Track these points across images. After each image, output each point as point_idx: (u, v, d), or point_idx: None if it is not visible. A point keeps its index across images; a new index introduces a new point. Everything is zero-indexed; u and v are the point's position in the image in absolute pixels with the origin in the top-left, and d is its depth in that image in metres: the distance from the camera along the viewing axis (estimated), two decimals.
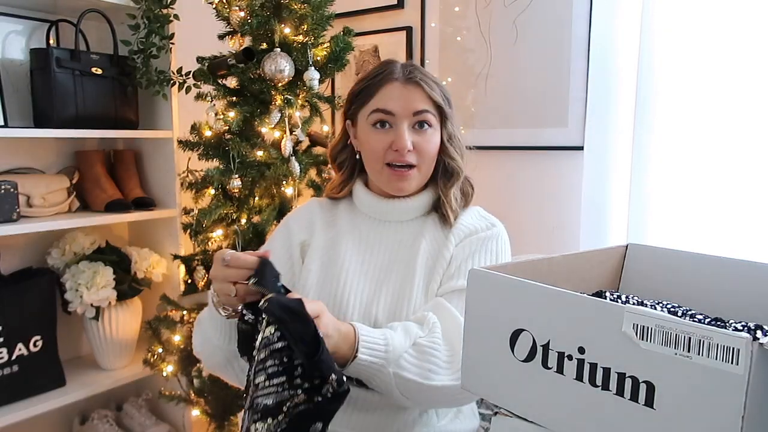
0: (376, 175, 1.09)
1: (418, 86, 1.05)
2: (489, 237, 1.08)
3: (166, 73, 1.71)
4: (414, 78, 1.05)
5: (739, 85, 1.39)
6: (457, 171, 1.10)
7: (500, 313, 0.69)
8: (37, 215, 1.62)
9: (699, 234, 1.47)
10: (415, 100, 1.04)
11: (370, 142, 1.06)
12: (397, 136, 1.03)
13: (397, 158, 1.04)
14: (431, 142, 1.06)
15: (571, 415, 0.63)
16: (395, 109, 1.04)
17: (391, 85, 1.05)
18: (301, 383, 0.79)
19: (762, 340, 0.48)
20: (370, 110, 1.06)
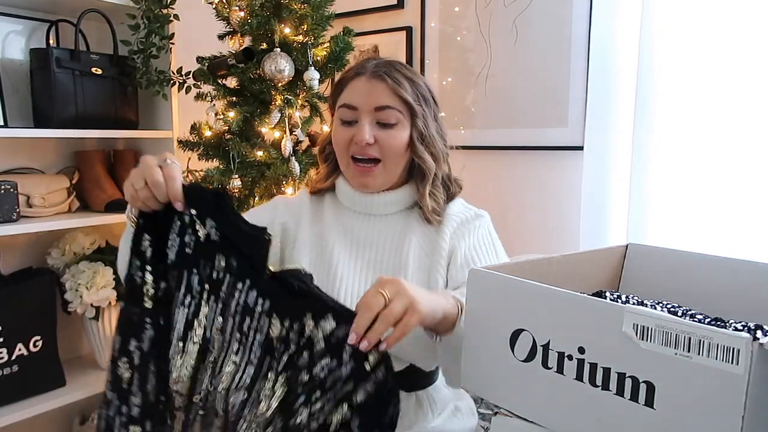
0: (344, 170, 1.09)
1: (383, 81, 1.03)
2: (481, 226, 1.09)
3: (166, 73, 1.71)
4: (379, 72, 1.04)
5: (739, 85, 1.39)
6: (425, 171, 1.07)
7: (500, 313, 0.69)
8: (37, 215, 1.62)
9: (699, 234, 1.47)
10: (378, 95, 1.03)
11: (336, 136, 1.08)
12: (358, 129, 1.03)
13: (359, 151, 1.04)
14: (396, 138, 1.04)
15: (571, 415, 0.63)
16: (358, 103, 1.04)
17: (358, 80, 1.06)
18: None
19: (762, 340, 0.48)
20: (338, 105, 1.07)
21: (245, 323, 0.78)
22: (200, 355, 0.79)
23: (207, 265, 0.80)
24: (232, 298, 0.78)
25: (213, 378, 0.79)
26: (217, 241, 0.79)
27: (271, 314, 0.77)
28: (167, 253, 0.81)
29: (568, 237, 1.76)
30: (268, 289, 0.78)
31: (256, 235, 0.78)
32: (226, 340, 0.79)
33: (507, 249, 1.11)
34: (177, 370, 0.79)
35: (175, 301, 0.80)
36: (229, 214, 0.79)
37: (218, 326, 0.79)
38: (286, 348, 0.76)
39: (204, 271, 0.80)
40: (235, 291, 0.79)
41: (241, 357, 0.78)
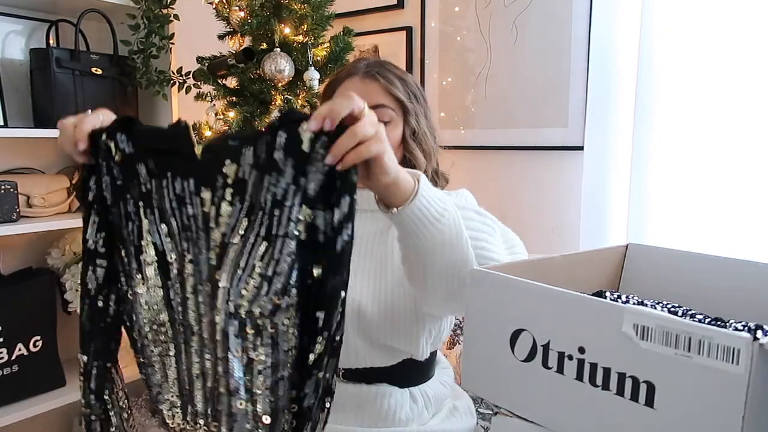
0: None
1: (376, 81, 1.05)
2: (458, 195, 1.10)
3: (166, 73, 1.71)
4: (371, 72, 1.06)
5: (739, 85, 1.39)
6: (416, 167, 1.07)
7: (500, 313, 0.69)
8: (37, 215, 1.62)
9: (699, 234, 1.47)
10: (372, 93, 1.04)
11: None
12: None
13: None
14: (389, 136, 1.03)
15: (571, 415, 0.63)
16: None
17: (351, 80, 1.06)
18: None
19: (762, 340, 0.48)
20: None
21: (183, 214, 0.74)
22: (163, 272, 0.76)
23: (134, 184, 0.76)
24: (164, 199, 0.75)
25: (183, 290, 0.75)
26: (133, 152, 0.75)
27: (198, 190, 0.72)
28: (106, 198, 0.78)
29: (568, 237, 1.76)
30: (189, 168, 0.73)
31: (173, 128, 0.73)
32: (177, 242, 0.75)
33: None
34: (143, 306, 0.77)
35: (123, 238, 0.77)
36: (139, 124, 0.77)
37: (165, 233, 0.75)
38: (216, 205, 0.72)
39: (134, 192, 0.76)
40: (163, 191, 0.74)
41: (194, 251, 0.74)
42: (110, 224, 0.78)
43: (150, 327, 0.78)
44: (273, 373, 0.70)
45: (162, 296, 0.76)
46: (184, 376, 0.77)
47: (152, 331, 0.78)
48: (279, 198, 0.68)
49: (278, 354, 0.70)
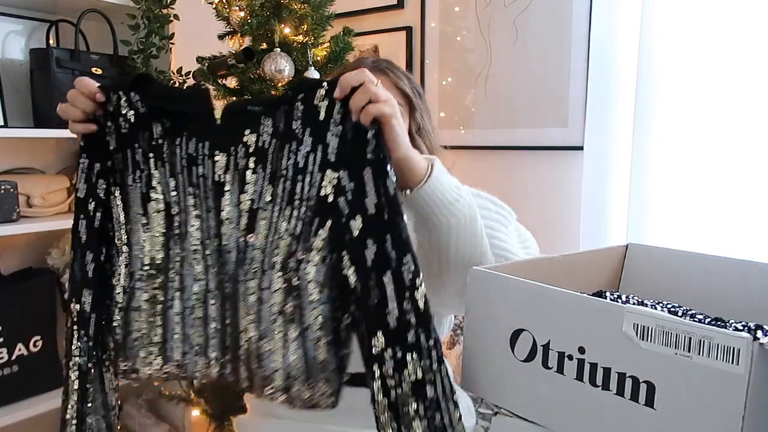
0: None
1: (385, 74, 1.05)
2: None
3: (166, 73, 1.71)
4: (380, 66, 1.06)
5: (739, 85, 1.39)
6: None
7: (500, 313, 0.69)
8: (37, 215, 1.62)
9: (699, 234, 1.47)
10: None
11: None
12: None
13: None
14: None
15: (571, 415, 0.63)
16: None
17: None
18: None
19: (762, 340, 0.48)
20: None
21: (193, 174, 0.79)
22: (167, 221, 0.80)
23: (145, 136, 0.80)
24: (175, 156, 0.79)
25: (183, 242, 0.79)
26: (146, 111, 0.79)
27: (213, 153, 0.78)
28: (108, 142, 0.81)
29: (568, 237, 1.76)
30: (206, 131, 0.78)
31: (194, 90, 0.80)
32: (181, 198, 0.79)
33: None
34: (142, 247, 0.80)
35: (126, 184, 0.81)
36: (156, 83, 0.81)
37: (172, 186, 0.80)
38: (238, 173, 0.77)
39: (144, 143, 0.80)
40: (175, 148, 0.79)
41: (201, 208, 0.79)
42: (108, 170, 0.81)
43: (143, 272, 0.80)
44: (300, 323, 0.74)
45: (162, 243, 0.80)
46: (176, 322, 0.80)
47: (144, 277, 0.80)
48: (300, 165, 0.73)
49: (303, 305, 0.73)
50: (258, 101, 0.78)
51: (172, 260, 0.80)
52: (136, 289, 0.80)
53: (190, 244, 0.79)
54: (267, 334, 0.75)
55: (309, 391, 0.75)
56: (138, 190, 0.80)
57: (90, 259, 0.81)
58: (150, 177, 0.80)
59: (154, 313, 0.81)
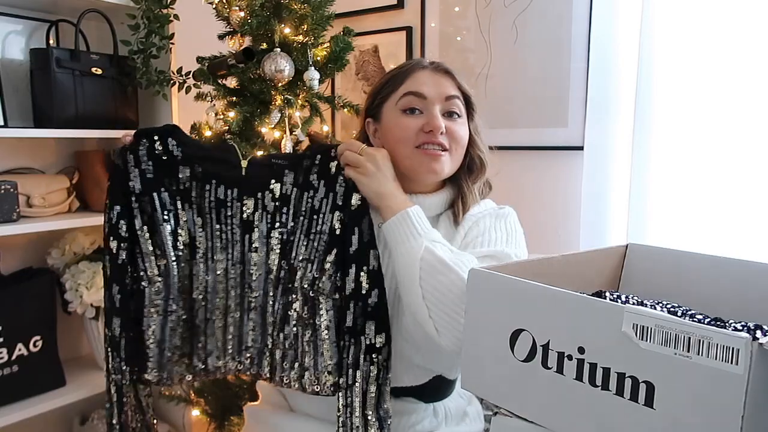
0: (405, 161, 1.01)
1: (448, 74, 1.05)
2: (499, 216, 1.07)
3: (166, 73, 1.71)
4: (442, 67, 1.06)
5: (739, 85, 1.39)
6: (485, 163, 1.09)
7: (500, 313, 0.69)
8: (37, 215, 1.62)
9: (699, 234, 1.47)
10: (446, 86, 1.03)
11: (400, 126, 1.02)
12: (431, 116, 1.00)
13: (430, 139, 1.00)
14: (462, 129, 1.04)
15: (571, 415, 0.63)
16: (428, 92, 1.01)
17: (421, 72, 1.04)
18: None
19: (762, 340, 0.48)
20: (400, 95, 1.03)
21: (221, 214, 0.98)
22: (192, 252, 0.97)
23: (172, 180, 0.97)
24: (204, 199, 0.97)
25: (207, 269, 0.98)
26: (179, 155, 0.97)
27: (241, 198, 0.98)
28: (130, 186, 0.95)
29: (568, 237, 1.76)
30: (234, 179, 0.98)
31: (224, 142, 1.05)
32: (208, 235, 0.98)
33: None
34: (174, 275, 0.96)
35: (157, 223, 0.95)
36: (182, 134, 1.00)
37: (199, 224, 0.98)
38: (267, 213, 0.98)
39: (171, 187, 0.96)
40: (204, 192, 0.98)
41: (227, 241, 0.98)
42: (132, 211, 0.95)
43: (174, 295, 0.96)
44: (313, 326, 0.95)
45: (187, 271, 0.97)
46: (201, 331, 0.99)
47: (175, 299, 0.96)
48: (316, 207, 0.97)
49: (315, 312, 0.95)
50: (280, 157, 1.00)
51: (198, 283, 0.98)
52: (169, 312, 0.96)
53: (214, 271, 0.98)
54: (289, 335, 0.96)
55: (316, 379, 0.94)
56: (168, 228, 0.96)
57: (116, 291, 0.95)
58: (177, 216, 0.97)
59: (184, 329, 0.98)
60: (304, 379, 0.95)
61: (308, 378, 0.95)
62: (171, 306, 0.96)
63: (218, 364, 1.00)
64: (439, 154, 1.00)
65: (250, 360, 1.00)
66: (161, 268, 0.95)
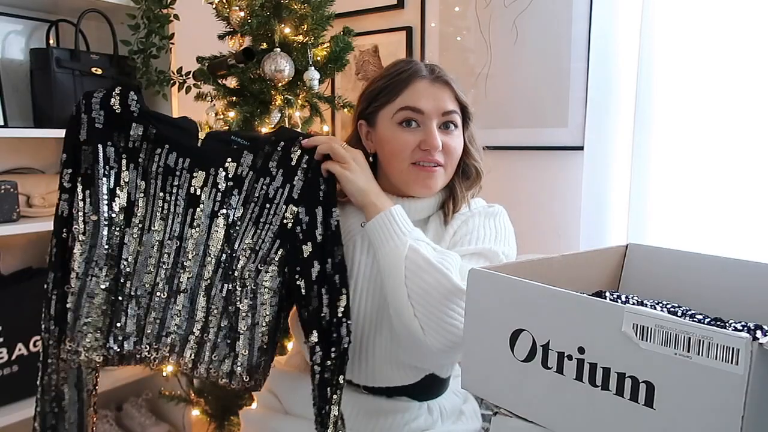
0: (400, 175, 1.02)
1: (447, 86, 1.02)
2: (489, 214, 1.07)
3: (166, 73, 1.71)
4: (443, 77, 1.03)
5: (739, 86, 1.39)
6: (480, 172, 1.08)
7: (500, 313, 0.69)
8: (37, 215, 1.62)
9: (699, 234, 1.47)
10: (445, 99, 1.01)
11: (397, 140, 1.01)
12: (428, 135, 0.99)
13: (425, 157, 1.00)
14: (457, 141, 1.03)
15: (570, 415, 0.63)
16: (426, 107, 0.99)
17: (419, 83, 1.01)
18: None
19: (762, 340, 0.48)
20: (396, 108, 1.01)
21: (167, 182, 0.91)
22: (128, 218, 0.91)
23: (121, 136, 0.91)
24: (152, 163, 0.91)
25: (141, 239, 0.91)
26: (135, 111, 0.91)
27: (192, 170, 0.92)
28: (79, 135, 0.90)
29: (568, 237, 1.76)
30: (189, 149, 0.92)
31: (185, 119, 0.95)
32: (149, 202, 0.91)
33: None
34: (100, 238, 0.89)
35: (95, 176, 0.89)
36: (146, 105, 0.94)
37: (141, 189, 0.91)
38: (217, 192, 0.92)
39: (119, 143, 0.90)
40: (153, 156, 0.91)
41: (168, 212, 0.91)
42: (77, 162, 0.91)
43: (99, 261, 0.89)
44: (252, 318, 0.90)
45: (119, 237, 0.90)
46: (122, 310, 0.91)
47: (99, 266, 0.89)
48: (270, 196, 0.92)
49: (256, 305, 0.90)
50: (241, 136, 0.94)
51: (127, 253, 0.90)
52: (90, 276, 0.88)
53: (149, 242, 0.91)
54: (222, 326, 0.90)
55: (248, 374, 0.90)
56: (105, 185, 0.89)
57: (53, 243, 0.91)
58: (119, 175, 0.90)
59: (104, 300, 0.89)
60: (235, 374, 0.90)
61: (239, 374, 0.90)
62: (93, 270, 0.88)
63: (134, 350, 0.91)
64: (434, 171, 1.01)
65: (170, 348, 0.91)
66: (88, 225, 0.89)
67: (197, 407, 1.73)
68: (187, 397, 1.74)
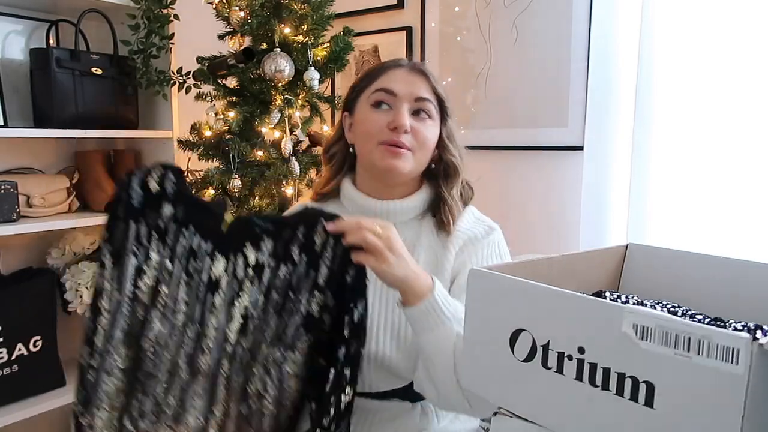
0: (369, 156, 1.02)
1: (424, 75, 1.03)
2: (491, 243, 1.06)
3: (166, 73, 1.71)
4: (419, 67, 1.04)
5: (739, 85, 1.39)
6: (457, 168, 1.07)
7: (500, 313, 0.69)
8: (37, 215, 1.62)
9: (699, 234, 1.47)
10: (420, 86, 1.02)
11: (367, 120, 1.02)
12: (397, 114, 0.99)
13: (393, 137, 0.99)
14: (429, 131, 1.03)
15: (570, 415, 0.63)
16: (398, 89, 1.01)
17: (397, 70, 1.04)
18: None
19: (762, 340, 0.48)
20: (371, 91, 1.03)
21: (191, 265, 0.88)
22: (153, 298, 0.88)
23: (154, 216, 0.89)
24: (178, 244, 0.89)
25: (164, 319, 0.88)
26: (170, 192, 0.89)
27: (213, 254, 0.88)
28: (116, 210, 0.89)
29: (568, 237, 1.76)
30: (212, 232, 0.89)
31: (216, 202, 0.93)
32: (173, 283, 0.88)
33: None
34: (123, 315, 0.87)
35: (124, 253, 0.88)
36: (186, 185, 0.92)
37: (167, 270, 0.88)
38: (236, 280, 0.87)
39: (150, 222, 0.89)
40: (180, 237, 0.89)
41: (189, 296, 0.88)
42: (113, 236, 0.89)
43: (119, 338, 0.87)
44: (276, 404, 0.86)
45: (143, 316, 0.87)
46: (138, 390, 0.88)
47: (119, 342, 0.87)
48: (294, 284, 0.86)
49: (280, 390, 0.86)
50: (263, 219, 0.89)
51: (149, 333, 0.88)
52: (109, 352, 0.87)
53: (171, 323, 0.88)
54: (243, 411, 0.87)
55: None
56: (132, 263, 0.88)
57: (89, 317, 0.89)
58: (147, 254, 0.89)
59: (122, 378, 0.87)
60: None
61: None
62: (113, 346, 0.88)
63: (150, 429, 0.88)
64: (400, 152, 0.99)
65: (189, 429, 0.88)
66: (113, 302, 0.88)
67: None
68: None
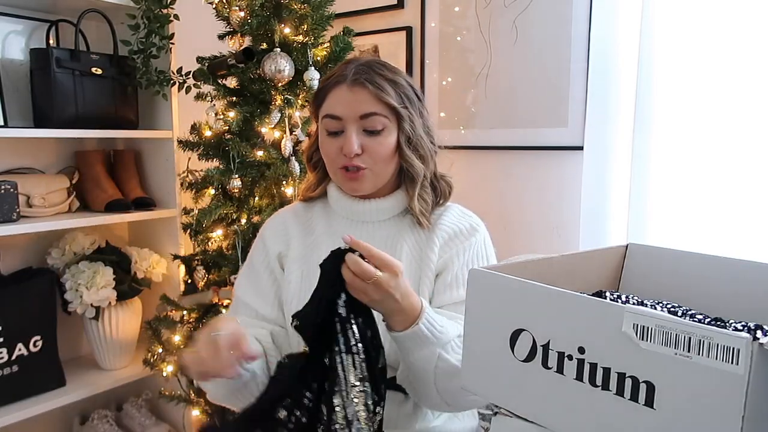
0: (333, 178, 1.09)
1: (365, 88, 1.00)
2: (476, 243, 1.08)
3: (166, 73, 1.71)
4: (359, 80, 1.01)
5: (739, 85, 1.39)
6: (413, 175, 1.06)
7: (500, 313, 0.69)
8: (37, 215, 1.62)
9: (699, 234, 1.47)
10: (361, 102, 1.01)
11: (324, 147, 1.06)
12: (345, 140, 1.01)
13: (348, 162, 1.02)
14: (383, 144, 1.02)
15: (571, 415, 0.63)
16: (341, 112, 1.02)
17: (338, 89, 1.02)
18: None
19: (762, 340, 0.48)
20: (322, 115, 1.05)
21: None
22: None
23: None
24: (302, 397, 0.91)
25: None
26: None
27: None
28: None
29: (568, 237, 1.76)
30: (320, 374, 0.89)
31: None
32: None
33: (507, 249, 1.11)
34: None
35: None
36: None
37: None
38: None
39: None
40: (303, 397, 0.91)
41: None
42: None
43: None
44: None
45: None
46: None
47: None
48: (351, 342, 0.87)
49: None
50: (288, 357, 0.92)
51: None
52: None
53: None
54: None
55: None
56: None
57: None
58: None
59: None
60: None
61: None
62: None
63: None
64: (356, 176, 1.03)
65: None
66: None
67: (197, 407, 1.73)
68: (187, 397, 1.74)
